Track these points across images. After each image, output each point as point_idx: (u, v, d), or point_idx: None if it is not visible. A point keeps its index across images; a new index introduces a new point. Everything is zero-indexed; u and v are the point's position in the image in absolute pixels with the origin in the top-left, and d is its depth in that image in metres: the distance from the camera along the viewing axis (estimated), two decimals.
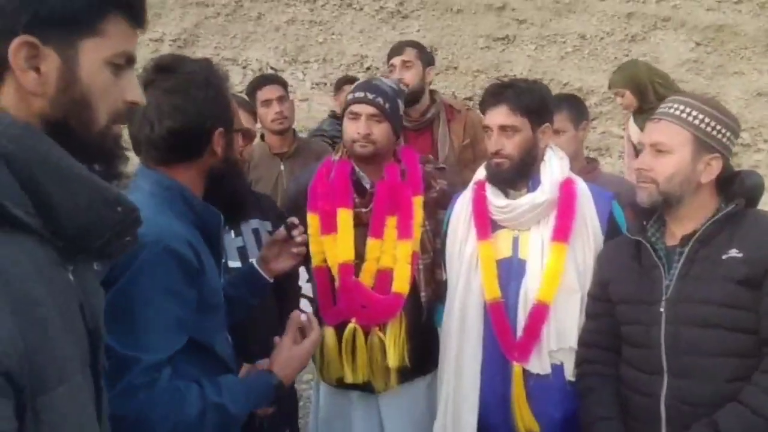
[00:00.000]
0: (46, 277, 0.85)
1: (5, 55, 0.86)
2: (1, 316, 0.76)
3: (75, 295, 0.91)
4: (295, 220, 1.84)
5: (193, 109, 1.41)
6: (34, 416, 0.79)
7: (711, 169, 1.73)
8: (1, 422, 0.74)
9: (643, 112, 3.84)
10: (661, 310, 1.72)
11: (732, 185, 1.76)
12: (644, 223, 1.85)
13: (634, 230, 1.85)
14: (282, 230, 1.81)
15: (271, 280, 1.80)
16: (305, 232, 1.86)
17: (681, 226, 1.78)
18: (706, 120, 1.72)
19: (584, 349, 1.93)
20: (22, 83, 0.88)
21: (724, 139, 1.74)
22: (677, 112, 1.75)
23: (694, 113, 1.73)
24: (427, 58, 3.28)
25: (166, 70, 1.43)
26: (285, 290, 2.11)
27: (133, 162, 1.27)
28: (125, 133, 1.17)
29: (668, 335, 1.70)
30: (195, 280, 1.36)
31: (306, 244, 1.87)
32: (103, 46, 0.93)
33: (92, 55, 0.92)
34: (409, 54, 3.22)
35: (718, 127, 1.73)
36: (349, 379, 2.21)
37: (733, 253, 1.66)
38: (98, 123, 0.94)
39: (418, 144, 3.17)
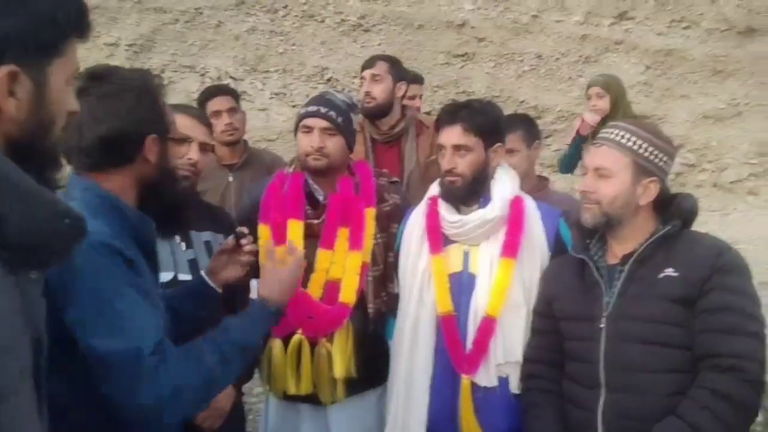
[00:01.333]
0: None
1: None
2: None
3: (19, 304, 0.92)
4: (244, 229, 1.82)
5: (124, 114, 1.41)
6: None
7: (649, 192, 1.81)
8: None
9: (603, 125, 3.94)
10: (602, 326, 1.78)
11: (669, 207, 1.84)
12: (587, 241, 1.92)
13: (578, 248, 1.91)
14: (231, 239, 1.78)
15: (220, 290, 1.78)
16: (255, 241, 1.86)
17: (621, 246, 1.85)
18: (644, 145, 1.80)
19: (529, 364, 1.98)
20: (3, 110, 0.90)
21: (661, 164, 1.82)
22: (618, 138, 1.83)
23: (634, 139, 1.81)
24: (399, 73, 3.28)
25: (99, 78, 1.44)
26: (236, 305, 2.10)
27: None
28: None
29: (607, 351, 1.75)
30: (132, 272, 1.37)
31: (255, 253, 1.84)
32: (65, 66, 0.97)
33: (58, 77, 0.96)
34: (380, 68, 3.23)
35: (656, 152, 1.81)
36: (292, 390, 2.20)
37: (669, 272, 1.73)
38: (55, 137, 0.99)
39: (386, 157, 3.20)
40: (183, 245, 2.08)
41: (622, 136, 1.82)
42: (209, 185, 3.04)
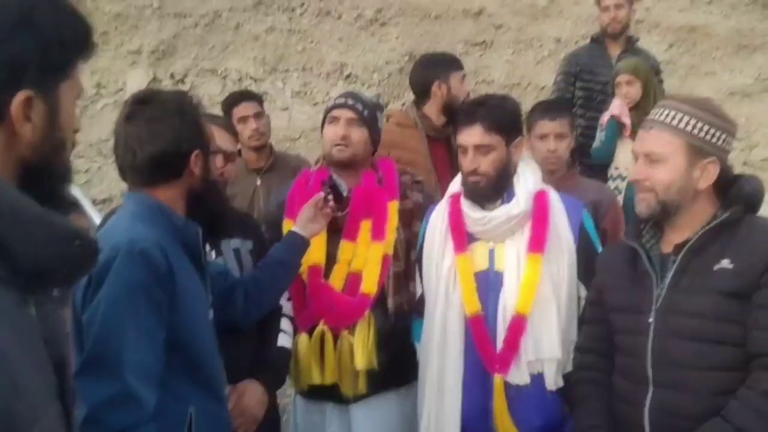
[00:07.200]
0: (9, 320, 0.85)
1: (2, 107, 0.88)
2: None
3: (38, 331, 0.91)
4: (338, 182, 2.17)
5: (169, 134, 1.60)
6: None
7: (708, 174, 1.66)
8: None
9: (637, 109, 3.68)
10: (650, 320, 1.68)
11: (731, 189, 1.69)
12: (641, 227, 1.80)
13: (630, 235, 1.80)
14: (321, 194, 2.10)
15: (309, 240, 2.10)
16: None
17: (677, 234, 1.72)
18: (699, 125, 1.65)
19: (581, 354, 1.92)
20: (20, 134, 0.90)
21: (719, 142, 1.66)
22: (668, 119, 1.68)
23: (686, 119, 1.66)
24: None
25: (143, 102, 1.63)
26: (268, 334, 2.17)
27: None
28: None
29: (655, 346, 1.67)
30: (164, 282, 1.51)
31: (334, 209, 2.16)
32: (73, 87, 0.98)
33: (67, 97, 0.96)
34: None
35: (712, 131, 1.65)
36: (317, 380, 2.22)
37: (725, 264, 1.60)
38: (67, 157, 1.00)
39: (438, 152, 3.12)
40: (213, 253, 2.12)
41: (673, 117, 1.66)
42: (237, 190, 3.09)
